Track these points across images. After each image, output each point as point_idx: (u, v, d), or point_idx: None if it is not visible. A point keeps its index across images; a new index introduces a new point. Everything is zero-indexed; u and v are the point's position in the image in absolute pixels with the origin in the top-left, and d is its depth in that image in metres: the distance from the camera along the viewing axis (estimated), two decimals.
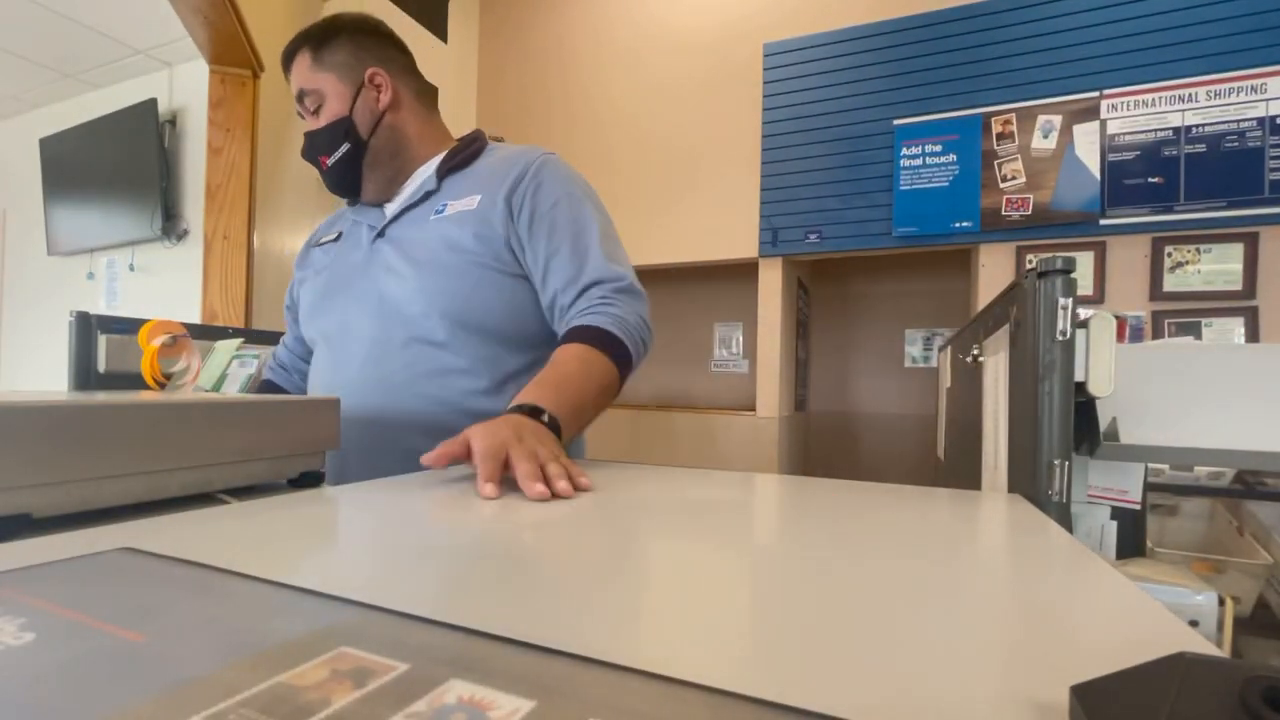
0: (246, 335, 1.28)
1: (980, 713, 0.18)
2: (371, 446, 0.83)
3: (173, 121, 2.75)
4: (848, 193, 2.53)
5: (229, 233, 2.17)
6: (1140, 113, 2.14)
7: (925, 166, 2.39)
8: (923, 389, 2.96)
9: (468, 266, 0.85)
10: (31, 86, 3.10)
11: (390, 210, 0.94)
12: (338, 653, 0.20)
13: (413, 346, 0.85)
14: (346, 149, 0.90)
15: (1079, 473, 0.73)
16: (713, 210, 2.80)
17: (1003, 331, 0.77)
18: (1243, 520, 0.96)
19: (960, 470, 1.17)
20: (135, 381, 1.07)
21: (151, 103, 2.68)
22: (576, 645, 0.21)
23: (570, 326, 0.81)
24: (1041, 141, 2.24)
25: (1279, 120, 2.00)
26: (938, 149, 2.38)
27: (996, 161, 2.30)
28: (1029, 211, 2.25)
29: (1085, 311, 0.64)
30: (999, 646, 0.24)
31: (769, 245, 2.67)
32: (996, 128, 2.30)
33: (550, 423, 0.66)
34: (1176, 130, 2.10)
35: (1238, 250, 2.05)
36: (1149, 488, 0.76)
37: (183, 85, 2.78)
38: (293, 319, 1.06)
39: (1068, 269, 0.60)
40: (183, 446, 0.48)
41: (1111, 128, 2.17)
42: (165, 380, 1.06)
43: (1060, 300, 0.60)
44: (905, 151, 2.43)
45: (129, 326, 1.31)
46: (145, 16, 2.48)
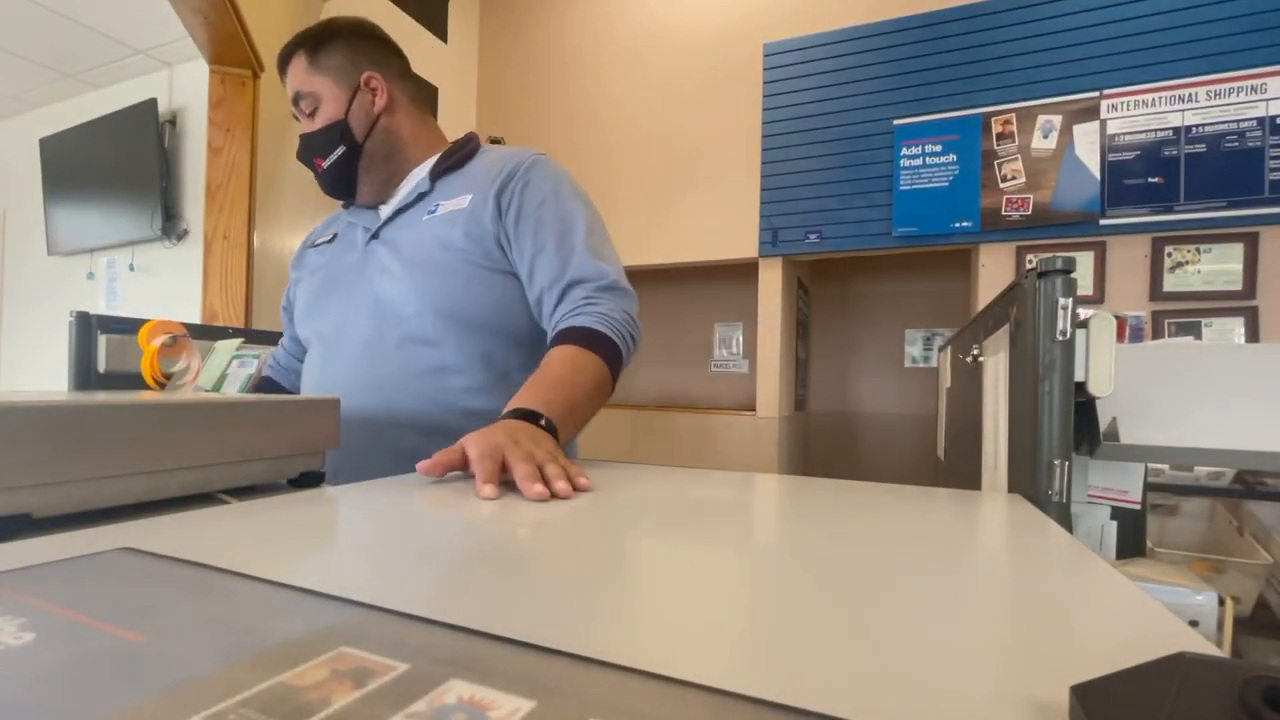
0: (246, 335, 1.28)
1: (980, 713, 0.18)
2: (366, 446, 0.83)
3: (173, 121, 2.74)
4: (848, 193, 2.53)
5: (229, 233, 2.17)
6: (1140, 113, 2.14)
7: (925, 166, 2.39)
8: (923, 389, 2.96)
9: (459, 265, 0.86)
10: (31, 86, 3.10)
11: (385, 212, 0.95)
12: (338, 653, 0.20)
13: (406, 346, 0.86)
14: (342, 151, 0.91)
15: (1079, 473, 0.73)
16: (713, 210, 2.80)
17: (1003, 331, 0.77)
18: (1243, 520, 0.96)
19: (960, 470, 1.17)
20: (135, 381, 1.07)
21: (151, 103, 2.68)
22: (576, 645, 0.21)
23: (559, 329, 0.81)
24: (1041, 141, 2.24)
25: (1279, 120, 2.00)
26: (938, 149, 2.38)
27: (996, 161, 2.30)
28: (1029, 211, 2.25)
29: (1085, 311, 0.64)
30: (999, 646, 0.24)
31: (769, 245, 2.67)
32: (996, 128, 2.30)
33: (546, 426, 0.66)
34: (1176, 130, 2.10)
35: (1238, 250, 2.05)
36: (1149, 488, 0.76)
37: (183, 85, 2.78)
38: (289, 320, 1.07)
39: (1068, 269, 0.60)
40: (183, 446, 0.48)
41: (1111, 128, 2.17)
42: (165, 380, 1.06)
43: (1060, 300, 0.60)
44: (905, 151, 2.43)
45: (129, 326, 1.31)
46: (145, 16, 2.48)
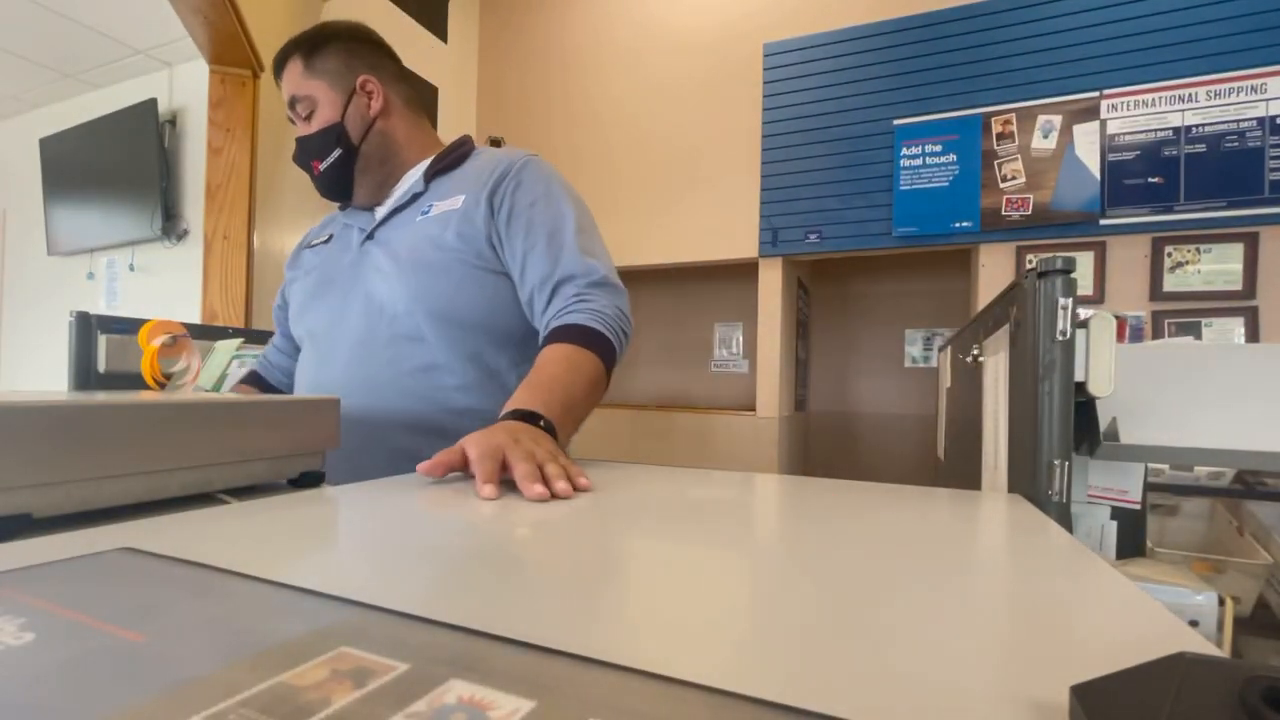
0: (246, 335, 1.28)
1: (980, 713, 0.18)
2: (359, 445, 0.83)
3: (173, 121, 2.74)
4: (848, 193, 2.53)
5: (229, 233, 2.17)
6: (1140, 113, 2.14)
7: (925, 166, 2.39)
8: (923, 389, 2.96)
9: (451, 264, 0.86)
10: (31, 86, 3.10)
11: (380, 213, 0.96)
12: (338, 653, 0.20)
13: (396, 344, 0.86)
14: (338, 154, 0.92)
15: (1079, 473, 0.73)
16: (713, 210, 2.79)
17: (1003, 331, 0.77)
18: (1243, 520, 0.96)
19: (960, 470, 1.17)
20: (135, 381, 1.07)
21: (151, 103, 2.68)
22: (576, 645, 0.21)
23: (552, 327, 0.81)
24: (1041, 141, 2.24)
25: (1279, 120, 2.00)
26: (938, 149, 2.38)
27: (996, 161, 2.30)
28: (1029, 211, 2.25)
29: (1085, 311, 0.64)
30: (999, 646, 0.24)
31: (769, 245, 2.67)
32: (996, 128, 2.30)
33: (545, 426, 0.66)
34: (1176, 130, 2.10)
35: (1238, 250, 2.05)
36: (1149, 488, 0.76)
37: (183, 85, 2.78)
38: (282, 319, 1.08)
39: (1068, 269, 0.60)
40: (183, 446, 0.48)
41: (1111, 128, 2.17)
42: (165, 380, 1.06)
43: (1060, 300, 0.60)
44: (905, 151, 2.43)
45: (129, 326, 1.31)
46: (145, 16, 2.48)
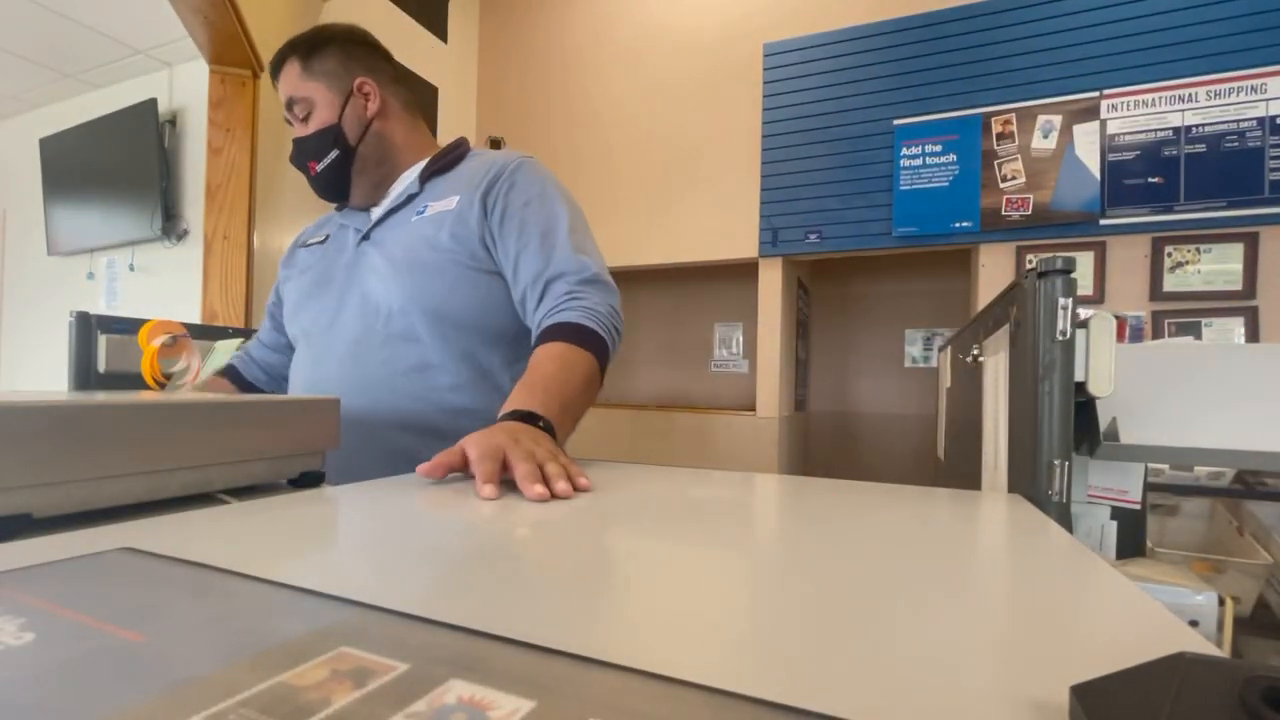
0: (246, 335, 1.28)
1: (980, 713, 0.18)
2: (352, 445, 0.83)
3: (173, 121, 2.74)
4: (848, 193, 2.53)
5: (229, 233, 2.17)
6: (1140, 113, 2.14)
7: (925, 166, 2.39)
8: (923, 389, 2.96)
9: (445, 264, 0.87)
10: (31, 86, 3.10)
11: (375, 214, 0.96)
12: (338, 653, 0.20)
13: (391, 344, 0.87)
14: (335, 155, 0.92)
15: (1079, 473, 0.73)
16: (713, 210, 2.79)
17: (1003, 331, 0.77)
18: (1243, 520, 0.96)
19: (960, 470, 1.17)
20: (135, 381, 1.07)
21: (151, 103, 2.68)
22: (576, 645, 0.21)
23: (545, 326, 0.82)
24: (1041, 141, 2.24)
25: (1279, 120, 2.00)
26: (938, 149, 2.38)
27: (996, 161, 2.30)
28: (1029, 211, 2.25)
29: (1085, 311, 0.64)
30: (999, 646, 0.24)
31: (769, 245, 2.67)
32: (996, 128, 2.30)
33: (545, 427, 0.66)
34: (1176, 130, 2.10)
35: (1238, 250, 2.05)
36: (1149, 488, 0.76)
37: (183, 85, 2.78)
38: (271, 315, 1.09)
39: (1068, 269, 0.60)
40: (183, 446, 0.48)
41: (1111, 128, 2.17)
42: (165, 380, 1.06)
43: (1060, 300, 0.60)
44: (905, 151, 2.43)
45: (129, 326, 1.31)
46: (145, 16, 2.48)
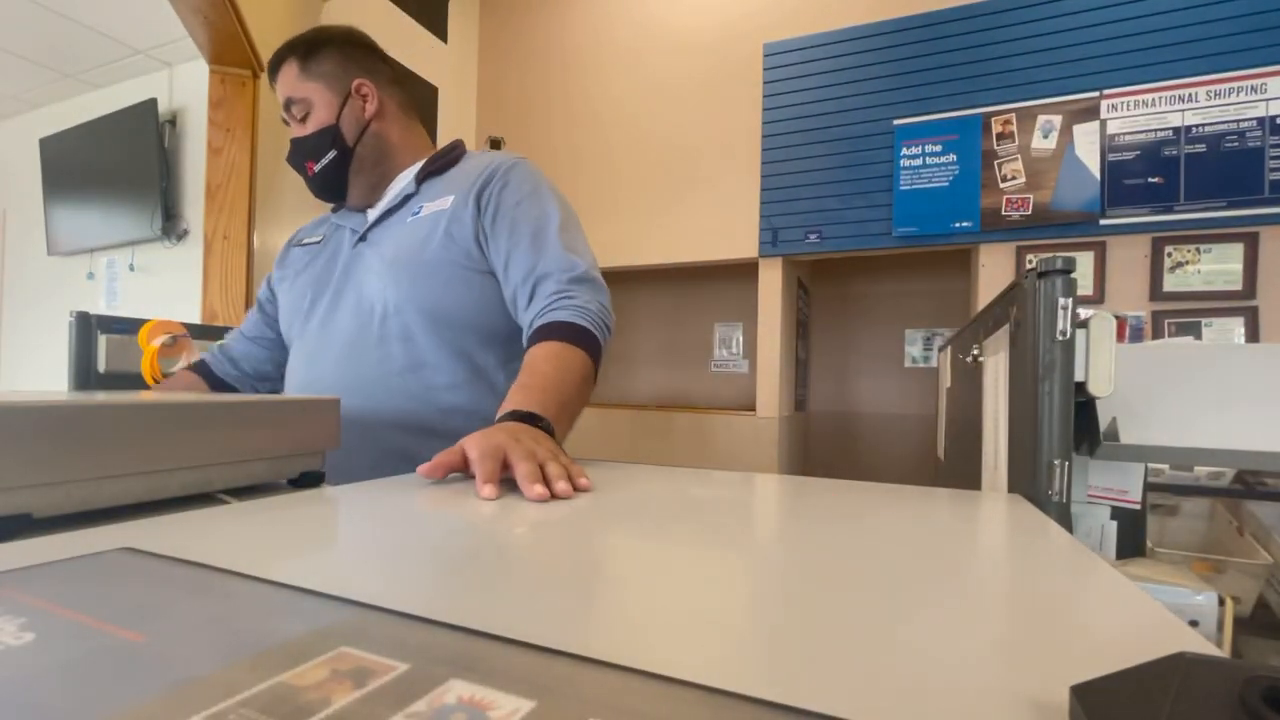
0: None
1: (980, 713, 0.18)
2: (348, 445, 0.84)
3: (173, 121, 2.74)
4: (848, 193, 2.53)
5: (229, 233, 2.17)
6: (1140, 113, 2.14)
7: (925, 166, 2.39)
8: (923, 389, 2.96)
9: (440, 264, 0.88)
10: (31, 86, 3.10)
11: (372, 215, 0.97)
12: (338, 653, 0.20)
13: (387, 343, 0.88)
14: (333, 156, 0.93)
15: (1079, 473, 0.73)
16: (713, 210, 2.79)
17: (1003, 331, 0.77)
18: (1243, 520, 0.96)
19: (960, 470, 1.17)
20: (135, 381, 1.07)
21: (151, 103, 2.68)
22: (576, 645, 0.21)
23: (537, 325, 0.82)
24: (1041, 141, 2.24)
25: (1279, 120, 2.00)
26: (938, 149, 2.38)
27: (996, 161, 2.29)
28: (1029, 211, 2.25)
29: (1085, 311, 0.64)
30: (999, 646, 0.24)
31: (769, 245, 2.67)
32: (996, 128, 2.30)
33: (544, 427, 0.66)
34: (1176, 130, 2.10)
35: (1238, 250, 2.05)
36: (1149, 488, 0.76)
37: (183, 85, 2.78)
38: (261, 308, 1.07)
39: (1068, 269, 0.60)
40: (183, 446, 0.48)
41: (1111, 128, 2.17)
42: (165, 380, 1.06)
43: (1060, 300, 0.60)
44: (905, 151, 2.43)
45: (129, 326, 1.31)
46: (145, 16, 2.48)
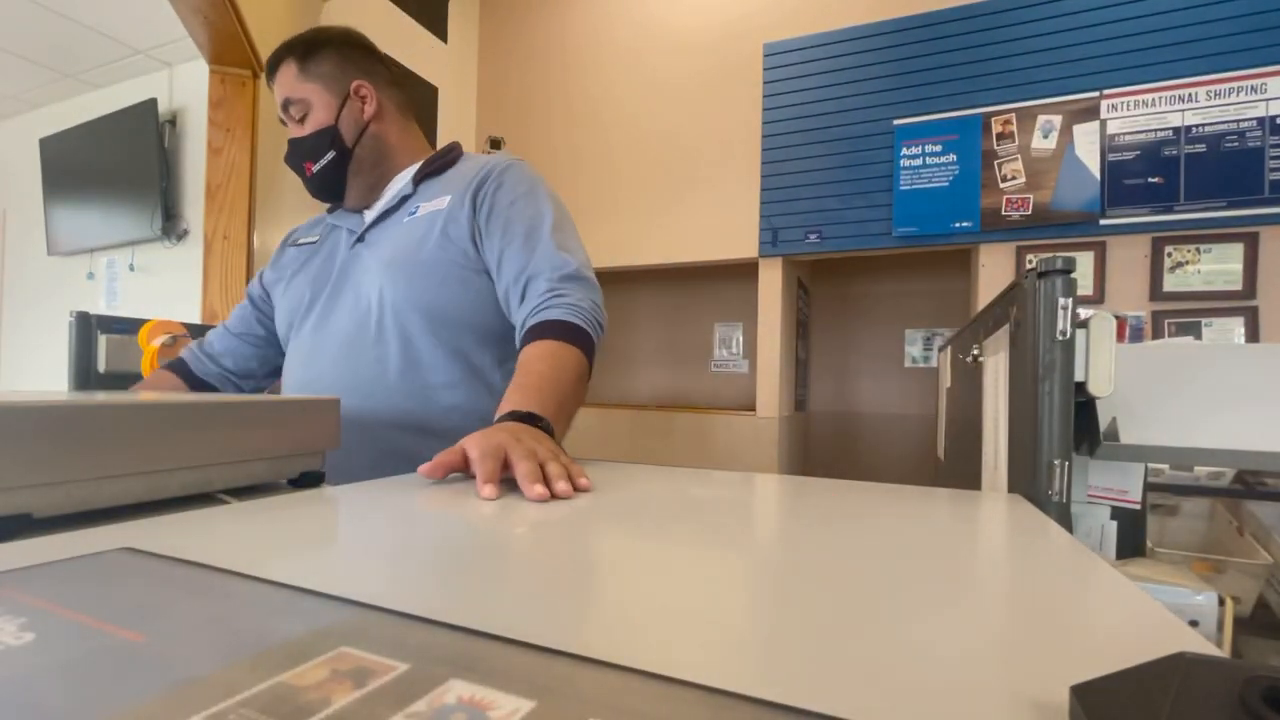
0: None
1: (980, 713, 0.18)
2: (345, 443, 0.84)
3: (173, 121, 2.74)
4: (848, 193, 2.53)
5: (229, 233, 2.17)
6: (1140, 113, 2.14)
7: (925, 166, 2.39)
8: (923, 389, 2.96)
9: (437, 263, 0.88)
10: (31, 86, 3.10)
11: (369, 216, 0.97)
12: (338, 653, 0.20)
13: (384, 342, 0.88)
14: (332, 157, 0.93)
15: (1079, 473, 0.73)
16: (713, 210, 2.79)
17: (1003, 331, 0.77)
18: (1243, 520, 0.96)
19: (960, 470, 1.17)
20: (135, 381, 1.07)
21: (151, 103, 2.68)
22: (576, 645, 0.21)
23: (531, 325, 0.82)
24: (1041, 141, 2.24)
25: (1279, 120, 2.00)
26: (938, 149, 2.38)
27: (996, 161, 2.29)
28: (1029, 211, 2.25)
29: (1085, 311, 0.64)
30: (999, 646, 0.24)
31: (769, 245, 2.67)
32: (996, 128, 2.30)
33: (544, 427, 0.66)
34: (1176, 130, 2.10)
35: (1238, 250, 2.05)
36: (1149, 488, 0.76)
37: (183, 85, 2.78)
38: (253, 303, 1.06)
39: (1068, 269, 0.60)
40: (183, 446, 0.48)
41: (1111, 128, 2.17)
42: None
43: (1060, 300, 0.60)
44: (905, 151, 2.43)
45: (129, 326, 1.31)
46: (145, 16, 2.48)
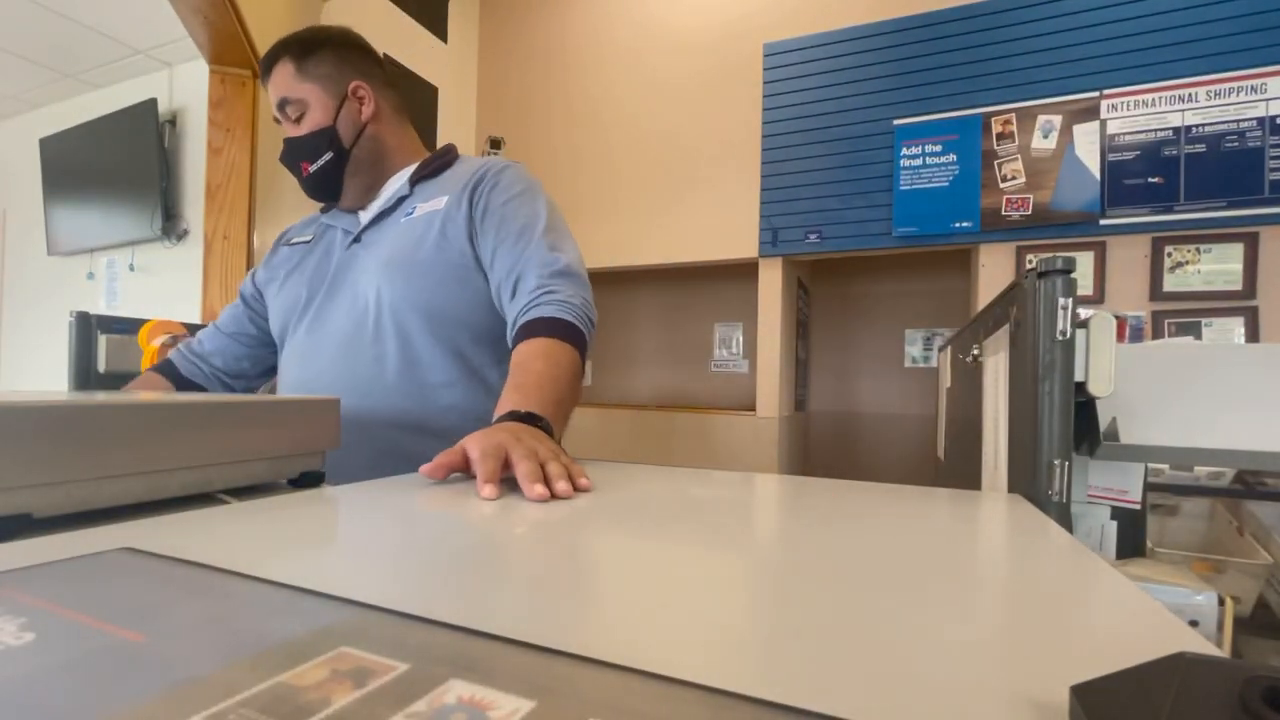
0: None
1: (980, 713, 0.18)
2: (344, 443, 0.84)
3: (173, 121, 2.74)
4: (848, 193, 2.53)
5: (229, 233, 2.17)
6: (1140, 113, 2.14)
7: (925, 166, 2.39)
8: (923, 389, 2.96)
9: (435, 263, 0.88)
10: (31, 86, 3.10)
11: (365, 217, 0.97)
12: (338, 653, 0.20)
13: (382, 342, 0.88)
14: (329, 157, 0.93)
15: (1079, 473, 0.73)
16: (713, 210, 2.79)
17: (1003, 331, 0.77)
18: (1243, 520, 0.96)
19: (960, 470, 1.17)
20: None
21: (151, 103, 2.68)
22: (576, 645, 0.21)
23: (523, 322, 0.82)
24: (1041, 141, 2.24)
25: (1279, 120, 2.00)
26: (938, 149, 2.38)
27: (996, 161, 2.29)
28: (1029, 211, 2.25)
29: (1085, 311, 0.64)
30: (999, 646, 0.24)
31: (769, 245, 2.67)
32: (996, 128, 2.30)
33: (544, 427, 0.66)
34: (1176, 130, 2.10)
35: (1238, 250, 2.05)
36: (1149, 488, 0.76)
37: (183, 85, 2.78)
38: (243, 305, 1.06)
39: (1068, 269, 0.60)
40: (183, 446, 0.48)
41: (1111, 128, 2.17)
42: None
43: (1060, 300, 0.60)
44: (905, 151, 2.43)
45: (129, 326, 1.31)
46: (145, 16, 2.48)
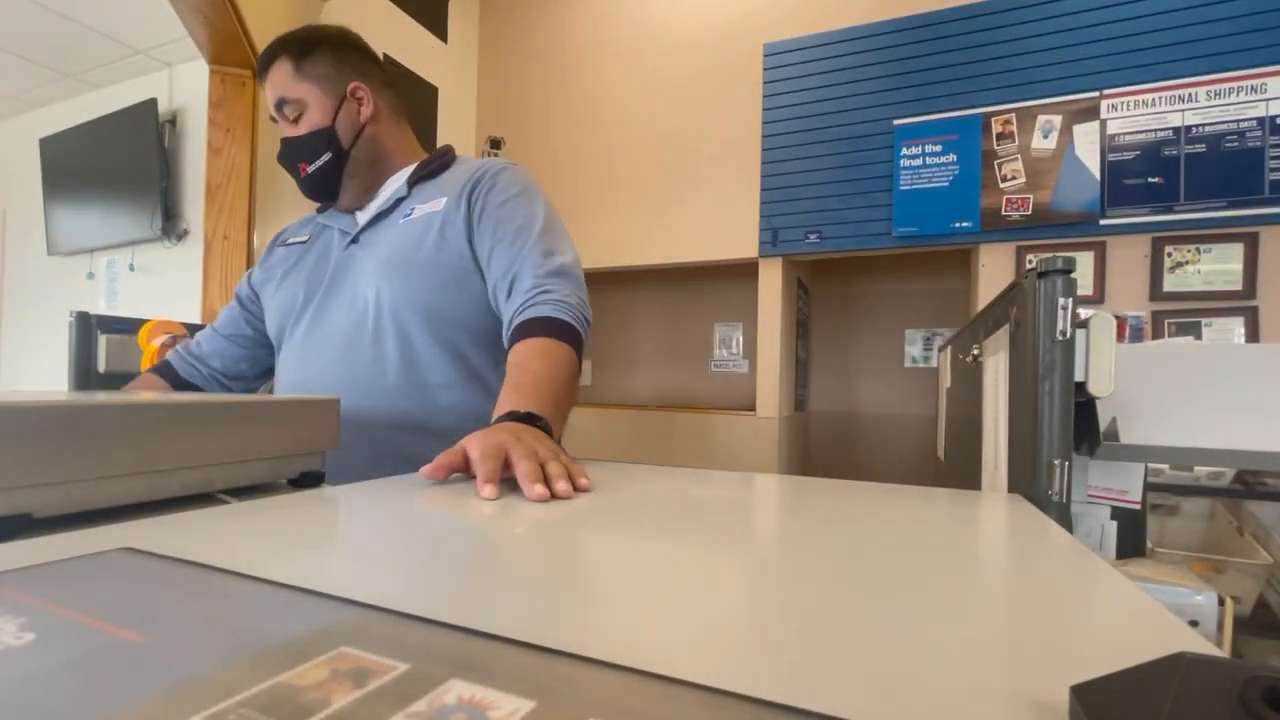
0: None
1: (980, 713, 0.18)
2: (343, 443, 0.84)
3: (173, 121, 2.74)
4: (848, 193, 2.53)
5: (229, 233, 2.17)
6: (1140, 113, 2.14)
7: (925, 166, 2.39)
8: (923, 389, 2.96)
9: (434, 264, 0.88)
10: (31, 86, 3.10)
11: (363, 218, 0.97)
12: (338, 653, 0.20)
13: (381, 342, 0.88)
14: (328, 158, 0.93)
15: (1079, 473, 0.73)
16: (713, 210, 2.79)
17: (1003, 331, 0.77)
18: (1243, 520, 0.96)
19: (960, 470, 1.17)
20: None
21: (151, 103, 2.68)
22: (576, 645, 0.21)
23: (520, 322, 0.82)
24: (1041, 141, 2.24)
25: (1279, 120, 2.00)
26: (938, 149, 2.38)
27: (996, 161, 2.29)
28: (1029, 211, 2.25)
29: (1085, 311, 0.64)
30: (999, 646, 0.24)
31: (769, 245, 2.67)
32: (996, 128, 2.30)
33: (543, 427, 0.66)
34: (1176, 130, 2.10)
35: (1238, 250, 2.05)
36: (1149, 488, 0.76)
37: (183, 85, 2.78)
38: (239, 306, 1.06)
39: (1068, 269, 0.60)
40: (183, 446, 0.48)
41: (1111, 128, 2.17)
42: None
43: (1060, 300, 0.60)
44: (905, 151, 2.43)
45: (129, 326, 1.31)
46: (145, 16, 2.48)
